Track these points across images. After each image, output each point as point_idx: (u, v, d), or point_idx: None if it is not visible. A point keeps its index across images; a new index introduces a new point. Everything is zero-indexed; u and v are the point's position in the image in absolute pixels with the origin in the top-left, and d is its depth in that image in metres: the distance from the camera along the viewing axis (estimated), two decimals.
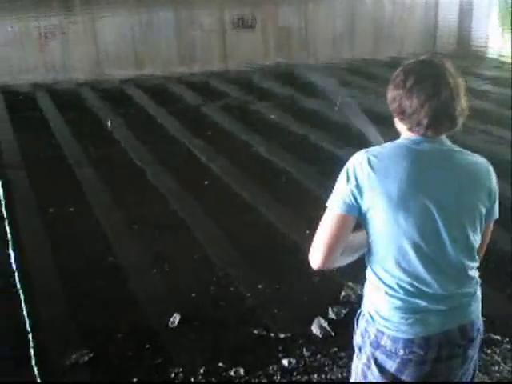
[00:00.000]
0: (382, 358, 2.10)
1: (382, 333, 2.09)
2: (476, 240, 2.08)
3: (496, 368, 3.61)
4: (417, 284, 2.03)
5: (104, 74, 11.84)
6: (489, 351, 3.73)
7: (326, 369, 3.63)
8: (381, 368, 2.11)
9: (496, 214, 2.15)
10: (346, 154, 2.12)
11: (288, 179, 6.68)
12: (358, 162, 2.02)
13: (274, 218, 5.73)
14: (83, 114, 9.57)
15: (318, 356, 3.75)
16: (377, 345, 2.11)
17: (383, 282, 2.07)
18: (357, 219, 2.05)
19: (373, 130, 2.62)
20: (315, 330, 3.98)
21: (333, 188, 2.08)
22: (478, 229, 2.08)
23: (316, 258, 2.09)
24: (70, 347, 3.86)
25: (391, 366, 2.09)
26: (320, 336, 3.93)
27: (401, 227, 1.99)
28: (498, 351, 3.74)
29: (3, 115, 9.50)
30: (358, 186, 2.00)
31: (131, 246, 5.32)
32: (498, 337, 3.87)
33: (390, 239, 2.02)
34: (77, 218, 5.88)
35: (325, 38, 12.85)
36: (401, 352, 2.06)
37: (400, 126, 2.12)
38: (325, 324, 4.00)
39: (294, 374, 3.60)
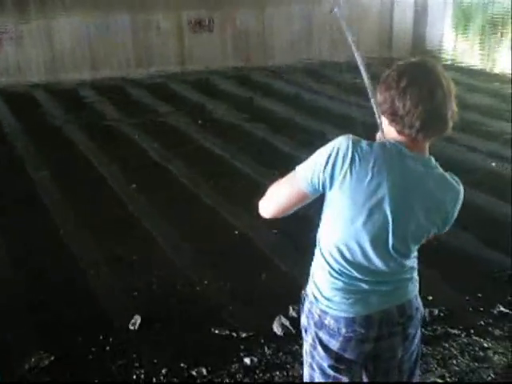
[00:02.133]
0: (325, 337, 2.18)
1: (325, 312, 2.16)
2: (415, 248, 2.17)
3: (454, 361, 3.68)
4: (357, 274, 2.11)
5: (59, 76, 11.71)
6: (446, 345, 3.82)
7: (288, 366, 3.66)
8: (325, 347, 2.19)
9: (443, 232, 2.21)
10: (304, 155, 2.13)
11: (245, 179, 6.72)
12: (342, 152, 2.00)
13: (234, 219, 5.75)
14: (38, 117, 9.46)
15: (280, 354, 3.78)
16: (320, 325, 2.18)
17: (328, 263, 2.14)
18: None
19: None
20: (276, 328, 4.01)
21: None
22: (421, 243, 2.17)
23: (266, 209, 2.21)
24: (29, 351, 3.81)
25: (334, 344, 2.17)
26: (281, 334, 3.96)
27: (355, 229, 2.06)
28: (455, 345, 3.82)
29: None
30: (331, 177, 2.01)
31: (89, 246, 5.27)
32: (456, 331, 3.96)
33: (340, 233, 2.09)
34: (31, 217, 5.82)
35: (282, 41, 12.91)
36: (343, 331, 2.14)
37: (388, 128, 2.09)
38: (286, 322, 4.03)
39: (256, 371, 3.63)
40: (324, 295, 2.16)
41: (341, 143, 2.02)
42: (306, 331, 2.30)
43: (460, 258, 4.91)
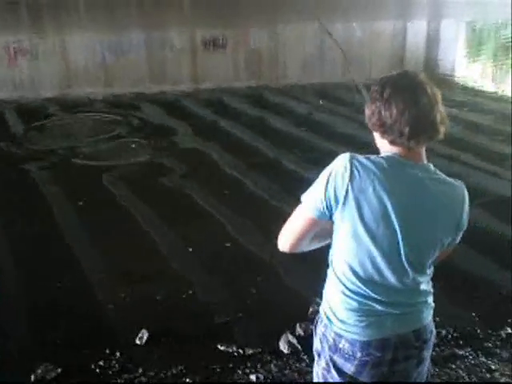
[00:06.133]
0: (340, 361, 2.16)
1: (340, 336, 2.14)
2: (430, 263, 2.14)
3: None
4: (371, 293, 2.09)
5: (73, 92, 11.82)
6: (453, 366, 3.80)
7: None
8: (339, 371, 2.16)
9: (458, 241, 2.19)
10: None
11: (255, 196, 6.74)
12: (340, 171, 2.02)
13: (241, 235, 5.76)
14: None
15: (286, 371, 3.77)
16: (335, 349, 2.16)
17: (341, 282, 2.12)
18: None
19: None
20: (283, 345, 4.00)
21: None
22: (436, 255, 2.14)
23: (284, 243, 2.22)
24: (36, 363, 3.81)
25: (349, 368, 2.14)
26: (288, 352, 3.95)
27: (365, 244, 2.05)
28: (462, 366, 3.80)
29: None
30: (334, 197, 2.02)
31: (96, 260, 5.28)
32: (463, 352, 3.94)
33: (351, 250, 2.08)
34: (42, 229, 5.86)
35: (295, 60, 12.96)
36: (358, 354, 2.12)
37: (381, 141, 2.11)
38: (293, 340, 4.02)
39: None
40: (338, 317, 2.14)
41: (338, 162, 2.04)
42: (319, 355, 2.27)
43: (468, 279, 4.89)
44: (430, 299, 2.22)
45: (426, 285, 2.18)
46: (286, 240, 2.21)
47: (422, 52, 14.27)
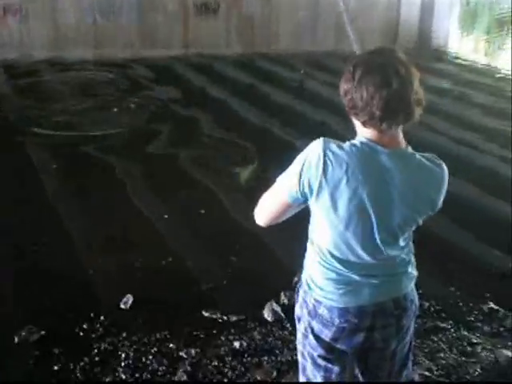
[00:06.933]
0: (318, 327, 2.19)
1: (319, 302, 2.17)
2: (405, 237, 2.15)
3: (442, 355, 3.70)
4: (348, 269, 2.12)
5: (62, 53, 11.63)
6: (435, 338, 3.83)
7: (277, 351, 3.67)
8: (317, 337, 2.20)
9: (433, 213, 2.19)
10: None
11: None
12: (314, 161, 2.01)
13: (228, 203, 5.75)
14: None
15: (270, 339, 3.79)
16: (314, 314, 2.19)
17: (319, 256, 2.15)
18: None
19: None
20: (267, 313, 4.02)
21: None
22: (411, 230, 2.17)
23: (260, 220, 2.26)
24: (19, 325, 3.80)
25: (327, 334, 2.18)
26: (271, 320, 3.97)
27: (341, 232, 2.07)
28: (443, 339, 3.84)
29: None
30: (309, 187, 2.03)
31: (83, 226, 5.26)
32: (445, 325, 3.98)
33: (328, 237, 2.11)
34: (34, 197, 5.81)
35: (287, 28, 12.82)
36: (336, 321, 2.15)
37: (355, 122, 2.09)
38: (277, 308, 4.04)
39: (245, 355, 3.64)
40: (317, 285, 2.18)
41: (312, 151, 2.03)
42: (299, 320, 2.31)
43: (452, 253, 4.93)
44: (411, 269, 2.23)
45: (405, 255, 2.19)
46: (262, 217, 2.25)
47: (415, 24, 14.09)
